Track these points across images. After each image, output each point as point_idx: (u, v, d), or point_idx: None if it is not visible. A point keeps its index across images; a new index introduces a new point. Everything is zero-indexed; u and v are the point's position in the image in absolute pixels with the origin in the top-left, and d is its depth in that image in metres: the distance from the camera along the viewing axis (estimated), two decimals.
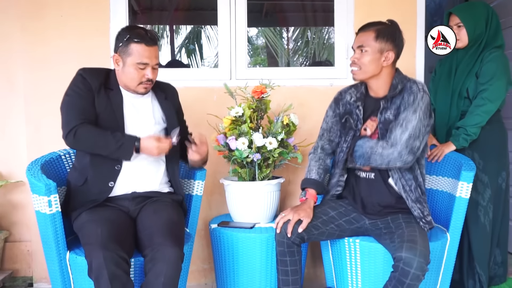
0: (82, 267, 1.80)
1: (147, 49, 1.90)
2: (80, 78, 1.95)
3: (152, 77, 1.95)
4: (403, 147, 1.85)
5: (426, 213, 1.95)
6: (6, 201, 2.67)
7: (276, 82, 2.36)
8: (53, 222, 1.79)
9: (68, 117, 1.90)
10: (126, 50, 1.91)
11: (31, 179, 1.83)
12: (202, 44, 9.52)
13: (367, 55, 1.93)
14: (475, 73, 2.34)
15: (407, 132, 1.85)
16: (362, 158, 1.93)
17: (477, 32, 2.34)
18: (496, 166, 2.36)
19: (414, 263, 1.67)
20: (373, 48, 1.92)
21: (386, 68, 1.95)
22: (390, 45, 1.92)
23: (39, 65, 2.58)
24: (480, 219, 2.33)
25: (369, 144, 1.91)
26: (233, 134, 2.23)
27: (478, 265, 2.34)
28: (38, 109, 2.59)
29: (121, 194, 1.94)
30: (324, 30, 8.13)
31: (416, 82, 1.94)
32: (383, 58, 1.93)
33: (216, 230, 2.26)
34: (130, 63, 1.91)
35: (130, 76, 1.93)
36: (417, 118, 1.85)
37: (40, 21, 2.57)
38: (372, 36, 1.92)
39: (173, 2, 5.14)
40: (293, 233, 1.91)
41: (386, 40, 1.92)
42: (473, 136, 2.26)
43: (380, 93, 2.00)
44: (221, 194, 2.63)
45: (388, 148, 1.87)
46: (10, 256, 2.68)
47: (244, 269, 2.19)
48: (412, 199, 1.95)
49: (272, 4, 5.51)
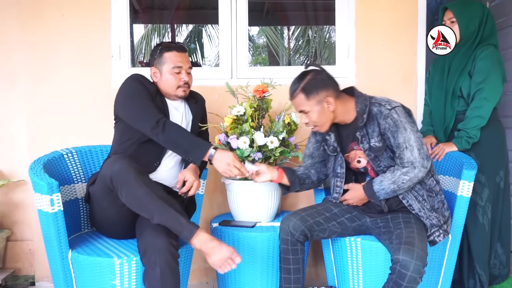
0: (84, 266, 1.81)
1: (179, 54, 2.11)
2: (139, 82, 2.06)
3: (188, 80, 2.13)
4: (421, 161, 1.87)
5: (443, 222, 1.95)
6: (7, 200, 2.68)
7: (277, 81, 2.36)
8: (55, 221, 1.79)
9: (149, 111, 1.95)
10: (160, 60, 2.10)
11: (33, 178, 1.83)
12: (203, 43, 9.54)
13: (311, 114, 1.94)
14: (468, 71, 2.34)
15: (415, 149, 1.87)
16: (388, 196, 1.93)
17: (469, 30, 2.34)
18: (493, 165, 2.35)
19: (411, 266, 1.67)
20: (311, 107, 1.92)
21: (336, 108, 1.94)
22: (322, 93, 1.91)
23: (40, 64, 2.59)
24: (478, 219, 2.33)
25: (387, 183, 1.90)
26: (235, 133, 2.23)
27: (478, 265, 2.34)
28: (39, 108, 2.59)
29: None
30: (325, 29, 8.14)
31: (381, 103, 1.92)
32: (326, 107, 1.92)
33: (217, 229, 2.26)
34: (167, 70, 2.09)
35: (168, 82, 2.10)
36: (411, 132, 1.87)
37: (41, 20, 2.58)
38: (302, 98, 1.92)
39: (174, 1, 5.14)
40: (296, 230, 1.93)
41: (316, 92, 1.91)
42: (474, 138, 2.27)
43: (347, 120, 2.00)
44: (222, 193, 2.63)
45: (412, 171, 1.87)
46: (12, 255, 2.69)
47: (245, 267, 2.20)
48: (427, 208, 1.94)
49: (273, 3, 5.51)
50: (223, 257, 1.72)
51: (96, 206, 1.96)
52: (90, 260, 1.80)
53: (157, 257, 1.68)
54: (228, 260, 1.72)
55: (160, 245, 1.70)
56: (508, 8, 3.01)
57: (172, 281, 1.71)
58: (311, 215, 2.00)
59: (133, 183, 1.72)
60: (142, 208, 1.74)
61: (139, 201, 1.73)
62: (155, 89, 2.09)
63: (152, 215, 1.72)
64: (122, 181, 1.73)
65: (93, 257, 1.81)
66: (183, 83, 2.10)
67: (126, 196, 1.74)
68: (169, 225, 1.73)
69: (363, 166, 2.01)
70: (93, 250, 1.88)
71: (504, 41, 2.99)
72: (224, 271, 1.73)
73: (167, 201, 1.75)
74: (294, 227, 1.95)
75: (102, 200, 1.89)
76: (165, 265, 1.68)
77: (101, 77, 2.61)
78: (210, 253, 1.72)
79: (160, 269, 1.67)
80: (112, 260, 1.79)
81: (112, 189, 1.76)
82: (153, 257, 1.69)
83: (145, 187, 1.73)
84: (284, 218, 2.01)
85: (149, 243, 1.72)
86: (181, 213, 1.75)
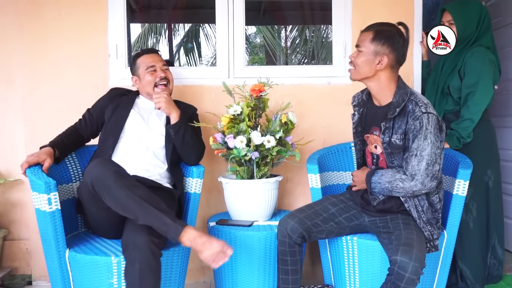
0: (81, 265, 1.82)
1: (149, 56, 2.30)
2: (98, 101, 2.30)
3: (166, 75, 2.28)
4: (424, 176, 1.80)
5: (436, 237, 1.91)
6: (4, 200, 2.68)
7: (274, 81, 2.36)
8: (53, 220, 1.79)
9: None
10: (135, 66, 2.30)
11: (31, 177, 1.83)
12: (200, 43, 9.54)
13: (362, 55, 1.91)
14: (458, 70, 2.37)
15: (424, 161, 1.79)
16: (383, 192, 1.92)
17: (467, 32, 2.37)
18: (479, 163, 2.33)
19: (409, 268, 1.67)
20: (368, 49, 1.89)
21: (382, 72, 1.90)
22: (386, 49, 1.86)
23: (37, 64, 2.59)
24: (461, 216, 2.34)
25: (385, 180, 1.88)
26: (231, 133, 2.24)
27: (460, 260, 2.37)
28: (36, 108, 2.60)
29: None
30: (322, 28, 8.14)
31: (418, 104, 1.83)
32: (377, 61, 1.88)
33: (214, 228, 2.27)
34: (143, 73, 2.27)
35: (147, 82, 2.26)
36: (429, 144, 1.78)
37: (38, 20, 2.57)
38: (369, 37, 1.89)
39: (171, 1, 5.14)
40: (294, 232, 1.93)
41: (383, 43, 1.86)
42: (466, 139, 2.31)
43: (381, 101, 1.96)
44: (219, 192, 2.64)
45: (409, 181, 1.82)
46: (9, 254, 2.69)
47: (242, 267, 2.20)
48: (423, 220, 1.91)
49: (270, 2, 5.50)
50: (214, 252, 1.70)
51: (86, 211, 1.97)
52: (88, 259, 1.81)
53: (137, 254, 1.67)
54: (220, 254, 1.70)
55: (140, 242, 1.68)
56: (504, 8, 3.02)
57: (151, 278, 1.68)
58: (309, 217, 1.98)
59: (113, 186, 1.71)
60: (125, 211, 1.73)
61: (121, 204, 1.72)
62: (133, 93, 2.30)
63: (137, 217, 1.71)
64: (103, 186, 1.72)
65: (90, 255, 1.81)
66: (160, 79, 2.26)
67: (109, 200, 1.73)
68: (154, 226, 1.71)
69: (378, 153, 1.99)
70: (90, 249, 1.88)
71: (501, 40, 3.01)
72: (218, 265, 1.72)
73: (150, 202, 1.72)
74: (292, 229, 1.94)
75: (90, 205, 1.90)
76: (144, 262, 1.66)
77: (98, 76, 2.61)
78: (201, 250, 1.71)
79: (140, 266, 1.66)
80: (110, 258, 1.79)
81: (95, 194, 1.76)
82: (133, 253, 1.68)
83: (126, 190, 1.71)
84: (281, 220, 2.00)
85: (130, 239, 1.70)
86: (166, 212, 1.73)
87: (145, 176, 2.08)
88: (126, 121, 2.19)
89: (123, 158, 2.10)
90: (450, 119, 2.43)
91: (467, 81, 2.33)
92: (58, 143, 2.07)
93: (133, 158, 2.12)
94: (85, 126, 2.22)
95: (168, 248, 1.94)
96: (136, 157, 2.13)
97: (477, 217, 2.40)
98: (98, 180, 1.73)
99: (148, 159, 2.15)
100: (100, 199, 1.76)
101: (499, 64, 2.45)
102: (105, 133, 2.19)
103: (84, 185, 1.80)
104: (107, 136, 2.17)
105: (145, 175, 2.08)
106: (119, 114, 2.21)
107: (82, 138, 2.22)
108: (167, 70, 2.31)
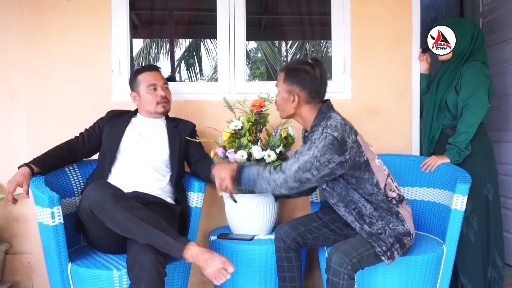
0: (83, 279, 1.83)
1: (151, 73, 2.30)
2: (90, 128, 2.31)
3: (166, 94, 2.29)
4: (291, 176, 1.80)
5: (385, 249, 1.85)
6: (7, 213, 2.69)
7: (274, 96, 2.38)
8: (56, 234, 1.81)
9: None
10: (136, 83, 2.29)
11: (34, 191, 1.85)
12: (201, 57, 9.59)
13: (278, 95, 1.96)
14: (455, 86, 2.42)
15: (297, 164, 1.80)
16: (247, 180, 1.89)
17: (461, 47, 2.43)
18: (479, 177, 2.36)
19: (333, 257, 1.73)
20: (282, 89, 1.93)
21: (302, 109, 1.92)
22: (296, 88, 1.89)
23: (41, 79, 2.63)
24: (462, 230, 2.35)
25: (256, 167, 1.89)
26: (232, 147, 2.26)
27: (461, 275, 2.38)
28: (40, 122, 2.63)
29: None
30: (322, 44, 8.20)
31: (327, 125, 1.83)
32: (291, 100, 1.91)
33: (215, 242, 2.28)
34: (143, 90, 2.27)
35: (147, 101, 2.27)
36: (310, 155, 1.79)
37: (42, 36, 2.62)
38: (282, 78, 1.93)
39: (173, 17, 5.19)
40: (288, 236, 1.99)
41: (292, 82, 1.89)
42: (466, 152, 2.33)
43: (306, 126, 1.99)
44: (220, 206, 2.65)
45: (276, 173, 1.84)
46: (10, 268, 2.69)
47: (243, 280, 2.21)
48: (367, 233, 1.87)
49: (270, 18, 5.56)
50: (216, 268, 1.71)
51: (87, 230, 1.98)
52: (90, 273, 1.82)
53: (143, 274, 1.67)
54: (222, 270, 1.72)
55: (147, 261, 1.69)
56: (501, 24, 3.07)
57: None
58: (302, 223, 2.07)
59: (111, 210, 1.73)
60: (126, 233, 1.75)
61: (121, 227, 1.73)
62: (130, 113, 2.31)
63: (138, 238, 1.73)
64: (101, 211, 1.74)
65: (92, 269, 1.83)
66: (161, 99, 2.26)
67: (109, 223, 1.75)
68: (156, 245, 1.72)
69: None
70: (93, 263, 1.89)
71: (497, 56, 3.05)
72: (219, 282, 1.73)
73: (150, 222, 1.73)
74: (285, 234, 2.02)
75: (90, 226, 1.91)
76: (150, 282, 1.67)
77: (101, 91, 2.65)
78: (204, 266, 1.72)
79: (145, 286, 1.66)
80: (112, 272, 1.81)
81: (95, 217, 1.78)
82: (139, 273, 1.68)
83: (125, 212, 1.72)
84: (278, 226, 2.10)
85: (136, 259, 1.71)
86: (166, 231, 1.74)
87: (145, 192, 2.09)
88: (122, 139, 2.20)
89: (122, 175, 2.13)
90: (449, 134, 2.46)
91: (463, 95, 2.37)
92: (39, 161, 2.04)
93: (132, 174, 2.13)
94: (82, 143, 2.23)
95: (170, 262, 1.94)
96: (135, 173, 2.14)
97: (478, 231, 2.41)
98: (96, 205, 1.75)
99: (149, 174, 2.16)
100: (101, 221, 1.78)
101: (491, 80, 2.49)
102: (102, 153, 2.22)
103: (83, 209, 1.82)
104: (104, 156, 2.19)
105: (145, 191, 2.10)
106: (115, 133, 2.23)
107: (75, 154, 2.19)
108: (168, 89, 2.33)
